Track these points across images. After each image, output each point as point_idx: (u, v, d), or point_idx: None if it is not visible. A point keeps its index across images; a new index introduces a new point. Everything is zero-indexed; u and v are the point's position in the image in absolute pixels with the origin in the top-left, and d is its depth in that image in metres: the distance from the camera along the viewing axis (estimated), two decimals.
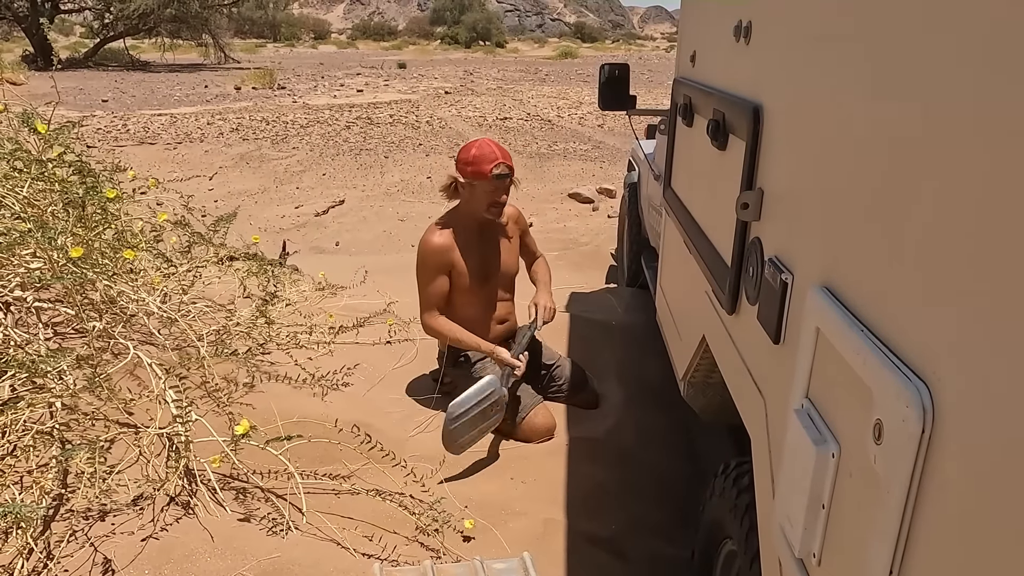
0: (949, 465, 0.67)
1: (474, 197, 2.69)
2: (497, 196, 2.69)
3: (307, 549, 2.02)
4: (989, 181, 0.63)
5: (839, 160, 0.97)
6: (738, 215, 1.37)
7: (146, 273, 2.99)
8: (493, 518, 2.26)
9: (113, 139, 10.39)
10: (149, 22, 27.82)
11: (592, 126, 12.71)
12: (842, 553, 0.89)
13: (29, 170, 2.64)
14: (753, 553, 1.33)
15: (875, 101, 0.87)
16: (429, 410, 2.85)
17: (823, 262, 1.00)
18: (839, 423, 0.92)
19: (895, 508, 0.73)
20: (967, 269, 0.65)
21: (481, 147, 2.66)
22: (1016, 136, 0.59)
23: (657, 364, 3.08)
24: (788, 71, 1.23)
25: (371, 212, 7.03)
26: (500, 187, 2.67)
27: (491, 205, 2.70)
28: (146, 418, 2.33)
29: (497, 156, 2.64)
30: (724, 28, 1.66)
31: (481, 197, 2.68)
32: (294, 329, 3.22)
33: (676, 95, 2.27)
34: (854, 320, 0.87)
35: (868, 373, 0.81)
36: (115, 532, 1.97)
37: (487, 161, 2.63)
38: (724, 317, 1.54)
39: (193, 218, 3.61)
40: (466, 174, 2.66)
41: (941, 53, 0.72)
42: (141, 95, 17.13)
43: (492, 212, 2.73)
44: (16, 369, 2.09)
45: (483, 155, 2.64)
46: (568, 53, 43.20)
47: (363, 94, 18.01)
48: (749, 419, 1.35)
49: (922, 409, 0.69)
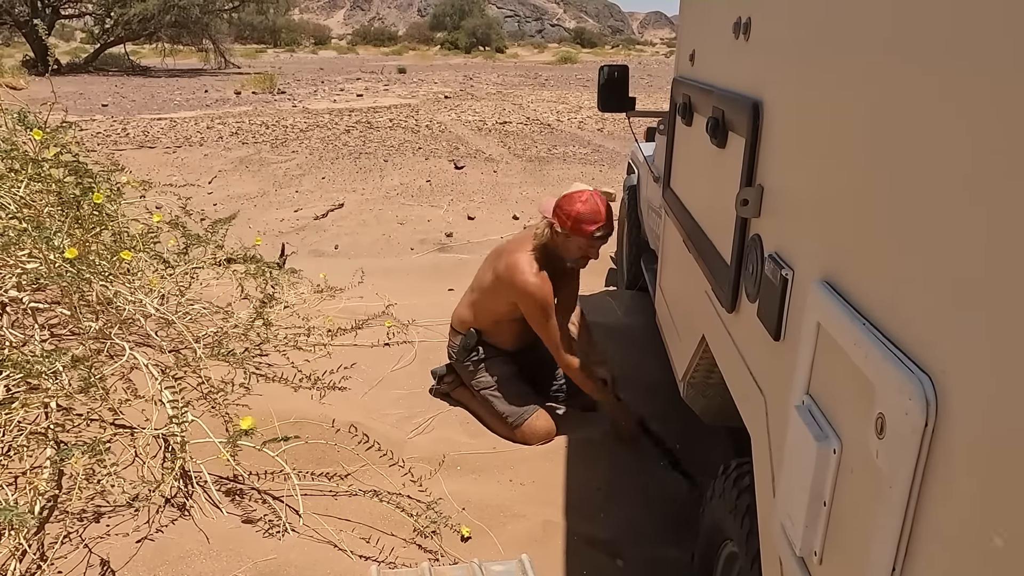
0: (953, 459, 0.66)
1: (567, 247, 2.63)
2: (592, 253, 2.66)
3: (304, 551, 2.00)
4: (990, 171, 0.62)
5: (840, 154, 0.96)
6: (738, 212, 1.36)
7: (143, 274, 2.98)
8: (491, 520, 2.25)
9: (113, 143, 10.38)
10: (150, 27, 27.84)
11: (592, 130, 12.72)
12: (844, 551, 0.87)
13: (26, 170, 2.63)
14: (754, 554, 1.31)
15: (875, 94, 0.86)
16: (428, 412, 2.84)
17: (824, 257, 0.99)
18: (840, 418, 0.90)
19: (898, 503, 0.72)
20: (970, 260, 0.64)
21: (588, 203, 2.57)
22: (1016, 126, 0.57)
23: (657, 366, 3.07)
24: (788, 66, 1.22)
25: (370, 216, 7.02)
26: (597, 245, 2.63)
27: (582, 259, 2.67)
28: (142, 419, 2.31)
29: (602, 217, 2.57)
30: (723, 25, 1.65)
31: (574, 250, 2.63)
32: (292, 331, 3.21)
33: (675, 94, 2.26)
34: (855, 314, 0.86)
35: (870, 366, 0.79)
36: (110, 533, 1.95)
37: (592, 222, 2.55)
38: (724, 316, 1.52)
39: (191, 220, 3.60)
40: (565, 225, 2.58)
41: (941, 45, 0.71)
42: (141, 100, 17.14)
43: (580, 264, 2.71)
44: (11, 369, 2.08)
45: (588, 213, 2.55)
46: (568, 58, 43.34)
47: (363, 99, 18.03)
48: (749, 418, 1.34)
49: (925, 402, 0.68)
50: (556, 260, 2.70)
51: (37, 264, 2.49)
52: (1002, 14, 0.61)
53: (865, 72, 0.90)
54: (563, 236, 2.60)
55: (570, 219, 2.56)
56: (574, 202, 2.58)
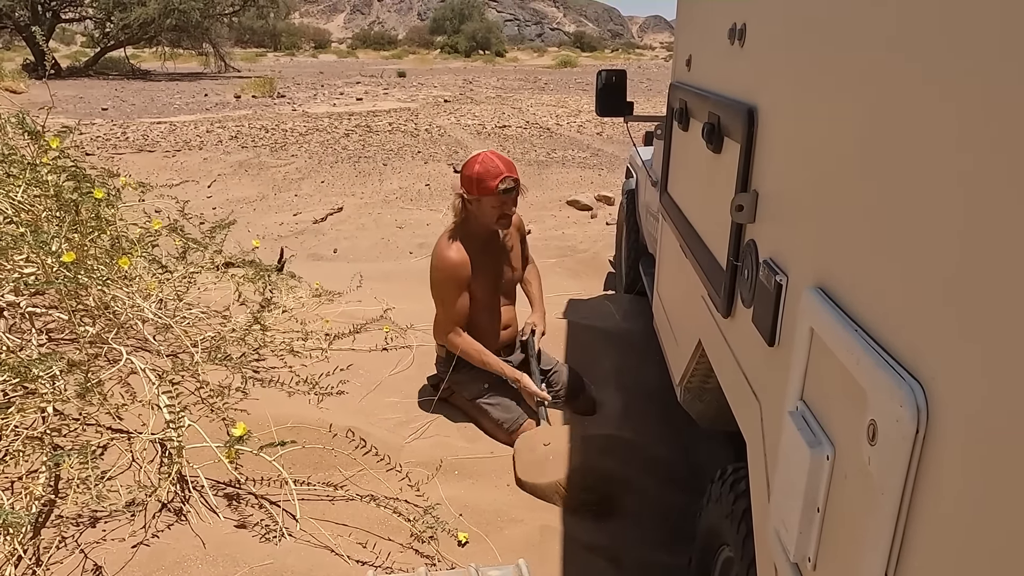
0: (944, 465, 0.66)
1: (482, 212, 2.66)
2: (506, 209, 2.67)
3: (301, 556, 2.00)
4: (983, 179, 0.62)
5: (833, 161, 0.96)
6: (733, 217, 1.36)
7: (141, 279, 2.98)
8: (489, 525, 2.24)
9: (112, 147, 10.39)
10: (150, 31, 27.89)
11: (591, 134, 12.74)
12: (837, 557, 0.87)
13: (23, 175, 2.63)
14: (750, 560, 1.31)
15: (869, 101, 0.87)
16: (425, 416, 2.84)
17: (817, 263, 0.99)
18: (834, 425, 0.90)
19: (890, 509, 0.72)
20: (961, 268, 0.64)
21: (484, 162, 2.61)
22: (1012, 131, 0.58)
23: (654, 371, 3.07)
24: (782, 73, 1.22)
25: (369, 219, 7.02)
26: (508, 200, 2.65)
27: (500, 218, 2.68)
28: (139, 424, 2.31)
29: (502, 170, 2.59)
30: (719, 31, 1.66)
31: (489, 212, 2.65)
32: (290, 335, 3.21)
33: (672, 99, 2.27)
34: (848, 320, 0.86)
35: (862, 373, 0.80)
36: (106, 538, 1.95)
37: (492, 176, 2.58)
38: (720, 321, 1.53)
39: (190, 224, 3.60)
40: (472, 191, 2.62)
41: (937, 50, 0.72)
42: (141, 103, 17.16)
43: (501, 224, 2.72)
44: (8, 374, 2.08)
45: (487, 170, 2.59)
46: (567, 62, 43.41)
47: (362, 102, 18.06)
48: (744, 423, 1.34)
49: (916, 409, 0.68)
50: (480, 231, 2.73)
51: (35, 268, 2.49)
52: (999, 20, 0.61)
53: (859, 79, 0.90)
54: (475, 202, 2.64)
55: (473, 183, 2.60)
56: (472, 165, 2.63)
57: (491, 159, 2.63)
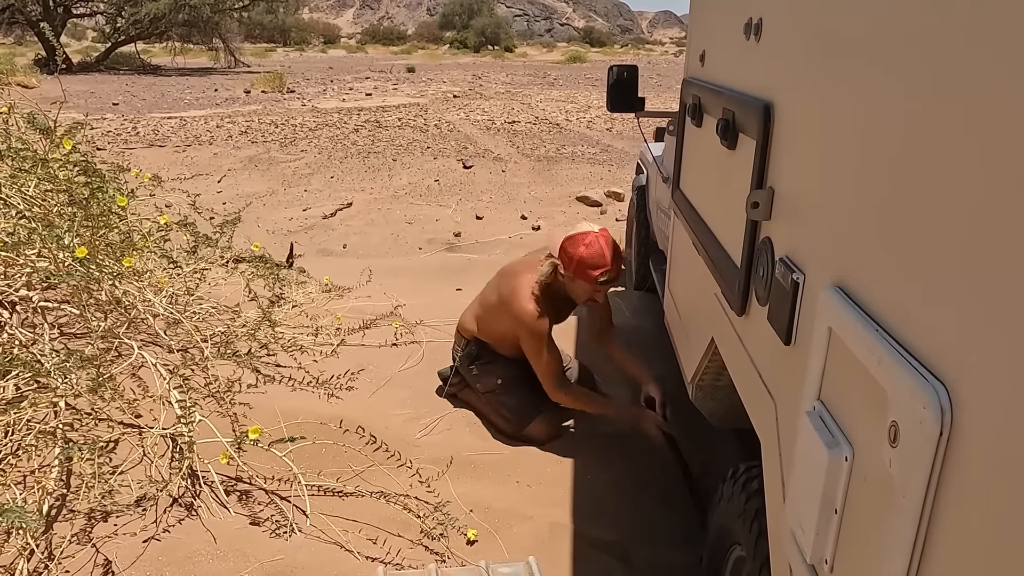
0: (968, 468, 0.65)
1: (572, 289, 2.56)
2: (597, 298, 2.60)
3: (311, 552, 2.00)
4: (1011, 175, 0.61)
5: (854, 157, 0.95)
6: (748, 215, 1.35)
7: (152, 274, 2.99)
8: (498, 522, 2.24)
9: (123, 142, 10.43)
10: (160, 26, 27.96)
11: (600, 130, 12.69)
12: (856, 560, 0.86)
13: (35, 170, 2.64)
14: (762, 559, 1.30)
15: (890, 96, 0.85)
16: (435, 412, 2.83)
17: (836, 262, 0.98)
18: (852, 426, 0.89)
19: (912, 513, 0.71)
20: (987, 266, 0.63)
21: (591, 246, 2.45)
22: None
23: (665, 368, 3.06)
24: (800, 68, 1.21)
25: (379, 215, 7.02)
26: (603, 290, 2.57)
27: (588, 301, 2.63)
28: (150, 419, 2.32)
29: (607, 262, 2.45)
30: (734, 26, 1.64)
31: (580, 293, 2.57)
32: (300, 331, 3.21)
33: (685, 95, 2.25)
34: (868, 320, 0.84)
35: (883, 374, 0.78)
36: (117, 533, 1.96)
37: (595, 267, 2.45)
38: (733, 319, 1.51)
39: (200, 219, 3.61)
40: (569, 268, 2.48)
41: (959, 46, 0.70)
42: (151, 98, 17.22)
43: (587, 304, 2.68)
44: (20, 368, 2.08)
45: (592, 257, 2.45)
46: (577, 57, 43.27)
47: (372, 98, 18.05)
48: (759, 422, 1.33)
49: (940, 410, 0.67)
50: (561, 296, 2.65)
51: (47, 263, 2.50)
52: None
53: (882, 73, 0.88)
54: (568, 278, 2.53)
55: (573, 263, 2.47)
56: (578, 245, 2.47)
57: (599, 245, 2.47)
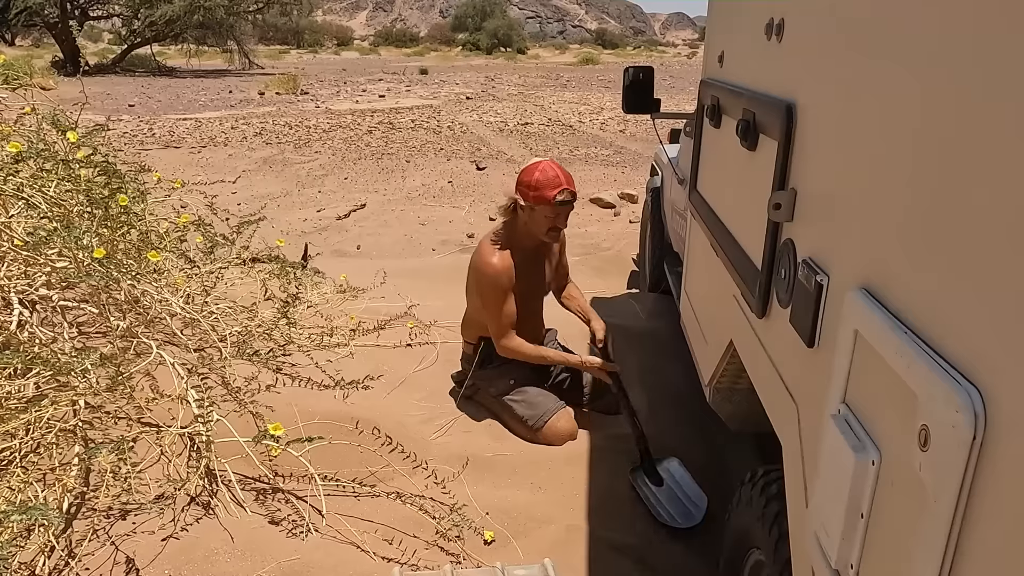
0: (1002, 473, 0.64)
1: (533, 220, 2.62)
2: (558, 221, 2.63)
3: (327, 552, 2.01)
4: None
5: (881, 157, 0.94)
6: (770, 216, 1.34)
7: (170, 274, 3.01)
8: (514, 524, 2.24)
9: (139, 143, 10.52)
10: (175, 29, 28.16)
11: (614, 131, 12.67)
12: (882, 565, 0.85)
13: (56, 171, 2.66)
14: (782, 563, 1.29)
15: (918, 95, 0.84)
16: (450, 413, 2.83)
17: (862, 263, 0.97)
18: (880, 429, 0.88)
19: (943, 519, 0.70)
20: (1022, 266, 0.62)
21: (544, 170, 2.57)
22: None
23: (680, 370, 3.05)
24: (823, 67, 1.20)
25: (392, 216, 7.04)
26: (562, 212, 2.61)
27: (550, 229, 2.65)
28: (168, 417, 2.33)
29: (561, 181, 2.55)
30: (755, 27, 1.63)
31: (541, 221, 2.61)
32: (315, 331, 3.22)
33: (703, 96, 2.24)
34: (897, 323, 0.83)
35: (913, 377, 0.77)
36: (136, 531, 1.97)
37: (551, 186, 2.54)
38: (753, 321, 1.50)
39: (217, 219, 3.63)
40: (527, 197, 2.57)
41: (988, 45, 0.69)
42: (167, 100, 17.35)
43: (550, 236, 2.69)
44: (41, 367, 2.10)
45: (547, 179, 2.55)
46: (589, 59, 43.22)
47: (385, 99, 18.10)
48: (780, 426, 1.32)
49: (973, 415, 0.66)
50: (526, 240, 2.69)
51: (66, 263, 2.52)
52: None
53: (908, 72, 0.87)
54: (528, 210, 2.60)
55: (531, 189, 2.56)
56: (532, 172, 2.59)
57: (551, 168, 2.58)
